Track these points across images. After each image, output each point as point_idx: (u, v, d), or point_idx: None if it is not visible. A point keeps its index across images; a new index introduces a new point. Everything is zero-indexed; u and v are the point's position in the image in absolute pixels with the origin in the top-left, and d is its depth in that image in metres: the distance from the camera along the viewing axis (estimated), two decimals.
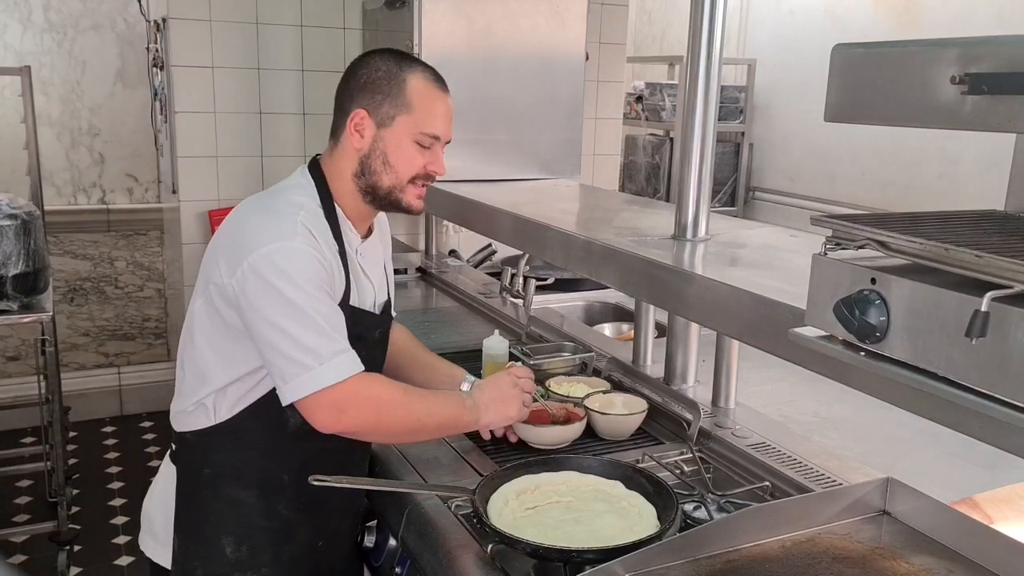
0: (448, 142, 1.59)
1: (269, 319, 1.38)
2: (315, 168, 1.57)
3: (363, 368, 1.41)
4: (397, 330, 1.81)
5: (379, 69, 1.52)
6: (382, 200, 1.57)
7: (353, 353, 1.41)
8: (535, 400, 1.78)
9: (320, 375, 1.37)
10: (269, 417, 1.49)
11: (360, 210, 1.58)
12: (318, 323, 1.38)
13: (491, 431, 1.74)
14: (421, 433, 1.55)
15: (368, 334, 1.58)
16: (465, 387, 1.74)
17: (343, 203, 1.55)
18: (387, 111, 1.51)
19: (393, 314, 1.76)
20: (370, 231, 1.64)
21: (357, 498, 1.68)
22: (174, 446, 1.61)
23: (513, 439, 1.78)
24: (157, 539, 1.63)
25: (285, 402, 1.40)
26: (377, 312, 1.63)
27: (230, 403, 1.51)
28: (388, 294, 1.71)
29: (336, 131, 1.56)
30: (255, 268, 1.38)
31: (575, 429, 1.79)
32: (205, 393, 1.52)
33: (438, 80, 1.56)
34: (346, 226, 1.55)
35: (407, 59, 1.56)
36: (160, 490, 1.64)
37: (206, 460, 1.55)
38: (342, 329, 1.43)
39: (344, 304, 1.49)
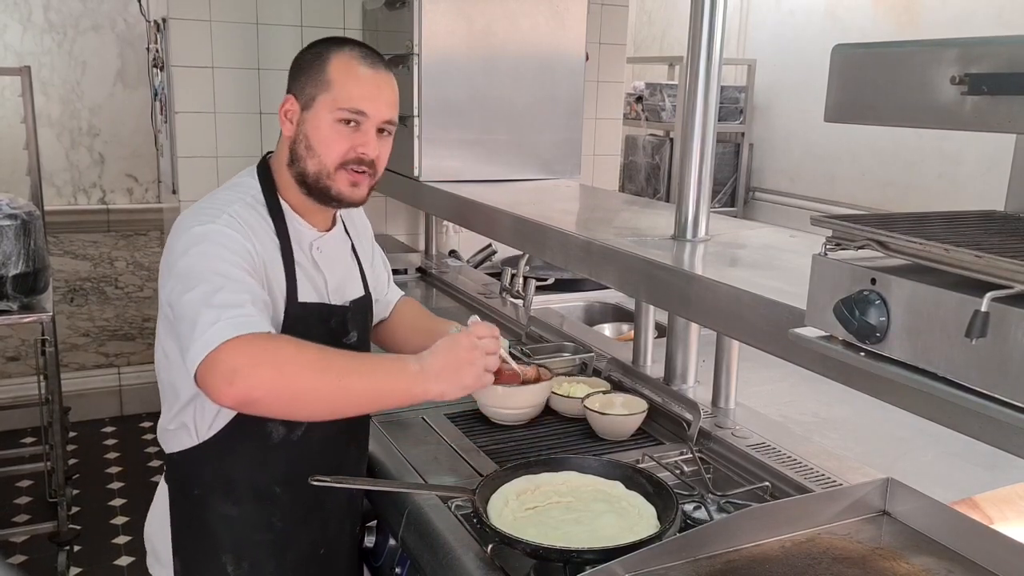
0: (389, 123, 1.49)
1: (179, 294, 1.30)
2: (263, 165, 1.54)
3: (267, 329, 1.27)
4: (402, 302, 1.80)
5: (309, 51, 1.49)
6: (311, 188, 1.48)
7: (258, 314, 1.28)
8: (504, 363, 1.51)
9: (214, 334, 1.22)
10: (251, 430, 1.46)
11: (306, 203, 1.51)
12: (223, 289, 1.27)
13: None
14: (346, 402, 1.31)
15: (322, 326, 1.50)
16: (452, 331, 1.63)
17: (288, 197, 1.50)
18: (309, 92, 1.46)
19: (387, 298, 1.76)
20: (333, 223, 1.59)
21: (355, 501, 1.66)
22: (166, 467, 1.58)
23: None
24: (160, 561, 1.60)
25: (191, 375, 1.25)
26: (339, 303, 1.55)
27: (209, 419, 1.46)
28: (366, 288, 1.64)
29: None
30: (174, 257, 1.35)
31: (543, 388, 1.66)
32: (179, 407, 1.48)
33: (368, 56, 1.48)
34: (294, 220, 1.50)
35: (339, 41, 1.50)
36: (158, 512, 1.60)
37: (195, 479, 1.51)
38: (253, 297, 1.31)
39: (293, 302, 1.44)
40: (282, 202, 1.49)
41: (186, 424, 1.48)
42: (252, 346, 1.23)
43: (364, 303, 1.63)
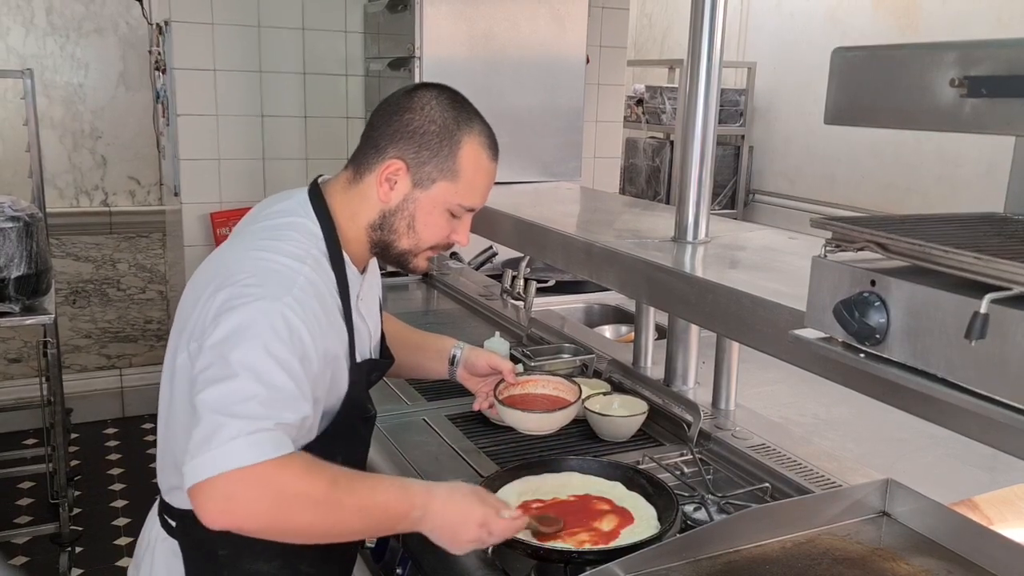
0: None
1: (211, 378, 1.15)
2: (319, 201, 1.35)
3: (289, 450, 1.14)
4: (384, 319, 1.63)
5: (434, 120, 1.32)
6: (390, 258, 1.40)
7: (280, 433, 1.14)
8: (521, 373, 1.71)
9: (227, 454, 1.09)
10: None
11: (364, 256, 1.41)
12: (255, 399, 1.13)
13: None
14: (337, 536, 1.24)
15: (365, 380, 1.44)
16: (456, 352, 1.66)
17: (349, 249, 1.36)
18: (429, 172, 1.32)
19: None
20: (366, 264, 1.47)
21: None
22: (172, 521, 1.37)
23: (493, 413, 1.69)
24: None
25: (186, 485, 1.12)
26: (377, 356, 1.49)
27: None
28: (380, 324, 1.54)
29: (360, 166, 1.35)
30: (227, 325, 1.18)
31: (564, 415, 1.65)
32: None
33: (493, 143, 1.38)
34: (351, 273, 1.36)
35: (465, 112, 1.35)
36: (161, 570, 1.40)
37: (221, 541, 1.28)
38: (289, 409, 1.17)
39: (352, 365, 1.35)
40: (345, 256, 1.35)
41: None
42: (258, 477, 1.12)
43: (383, 340, 1.55)
